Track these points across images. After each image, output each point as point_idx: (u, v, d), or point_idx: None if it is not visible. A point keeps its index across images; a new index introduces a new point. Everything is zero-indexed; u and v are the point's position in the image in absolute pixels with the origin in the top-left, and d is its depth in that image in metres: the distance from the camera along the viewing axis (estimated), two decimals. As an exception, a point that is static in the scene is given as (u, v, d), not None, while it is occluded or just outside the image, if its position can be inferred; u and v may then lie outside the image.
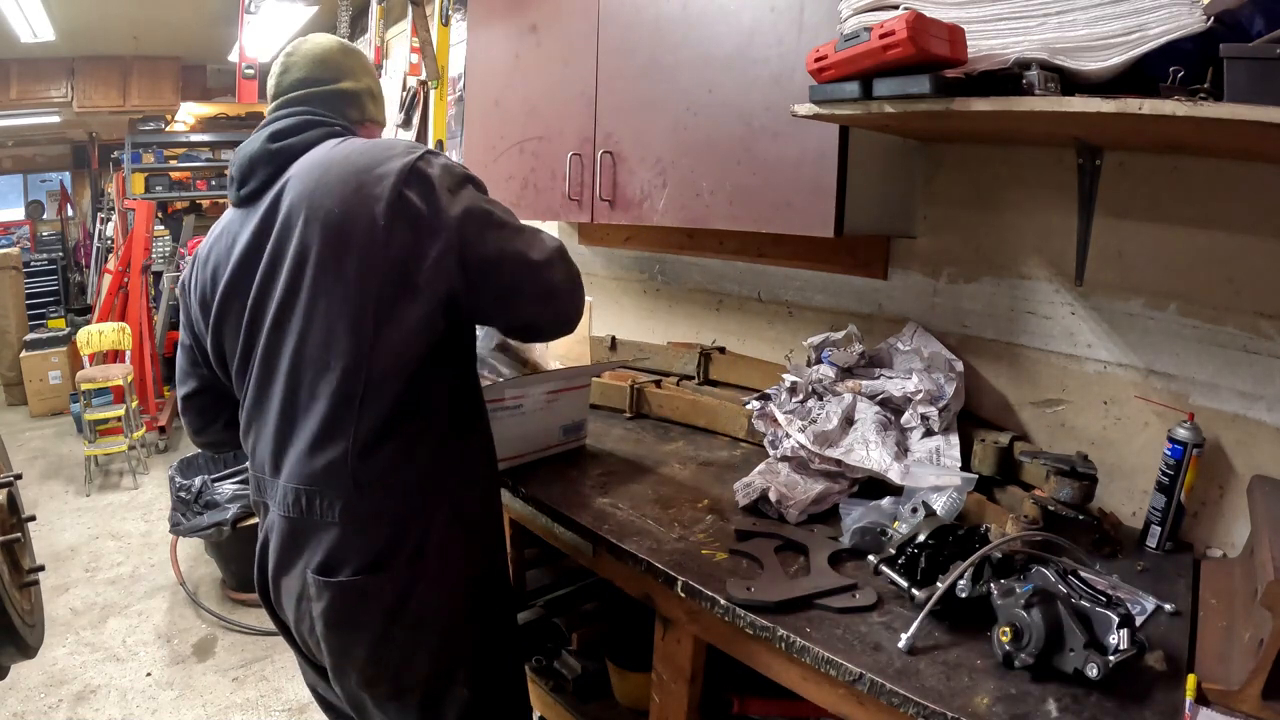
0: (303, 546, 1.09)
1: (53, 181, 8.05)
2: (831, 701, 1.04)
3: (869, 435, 1.44)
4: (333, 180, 1.05)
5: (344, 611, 1.07)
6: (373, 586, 1.06)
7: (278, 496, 1.10)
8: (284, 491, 1.09)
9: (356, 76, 1.24)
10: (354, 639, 1.08)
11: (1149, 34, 0.92)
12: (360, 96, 1.24)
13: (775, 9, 1.47)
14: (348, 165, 1.06)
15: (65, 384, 5.60)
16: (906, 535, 1.15)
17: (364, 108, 1.25)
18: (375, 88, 1.29)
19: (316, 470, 1.06)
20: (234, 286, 1.12)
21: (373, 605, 1.07)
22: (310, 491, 1.07)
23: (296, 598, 1.12)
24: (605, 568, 1.38)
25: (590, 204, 1.93)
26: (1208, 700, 0.89)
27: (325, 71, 1.21)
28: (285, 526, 1.11)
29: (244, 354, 1.13)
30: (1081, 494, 1.28)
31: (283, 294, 1.07)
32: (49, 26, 4.78)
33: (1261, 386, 1.28)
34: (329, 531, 1.07)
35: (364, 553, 1.06)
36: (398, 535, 1.07)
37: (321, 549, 1.07)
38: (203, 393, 1.28)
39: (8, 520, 1.65)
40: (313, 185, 1.06)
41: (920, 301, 1.72)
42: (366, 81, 1.26)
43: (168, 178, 6.78)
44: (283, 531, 1.11)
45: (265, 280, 1.08)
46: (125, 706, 2.46)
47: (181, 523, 3.01)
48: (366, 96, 1.26)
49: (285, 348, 1.07)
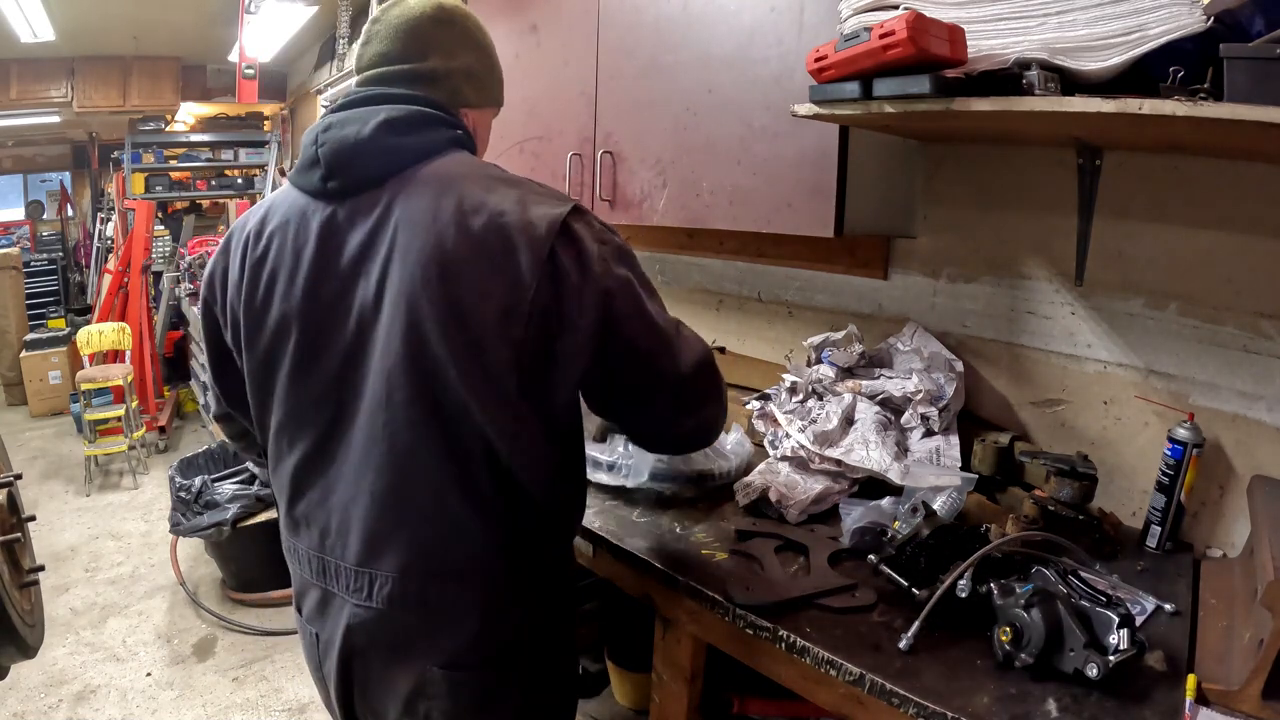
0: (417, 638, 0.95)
1: (53, 181, 8.04)
2: (831, 701, 1.03)
3: (869, 435, 1.44)
4: (457, 230, 0.86)
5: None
6: (507, 680, 0.97)
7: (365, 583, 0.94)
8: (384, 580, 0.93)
9: (449, 52, 1.01)
10: None
11: (1149, 34, 0.92)
12: (452, 78, 1.01)
13: (775, 9, 1.47)
14: (482, 212, 0.86)
15: (65, 384, 5.60)
16: (906, 535, 1.15)
17: (457, 90, 1.01)
18: (477, 65, 1.05)
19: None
20: (310, 296, 0.92)
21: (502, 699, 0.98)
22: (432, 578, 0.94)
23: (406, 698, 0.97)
24: (605, 568, 1.38)
25: (590, 204, 1.93)
26: (1208, 700, 0.89)
27: (413, 46, 0.99)
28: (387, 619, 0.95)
29: (297, 376, 0.94)
30: (1081, 494, 1.28)
31: (384, 342, 0.88)
32: (49, 26, 4.78)
33: (1261, 386, 1.28)
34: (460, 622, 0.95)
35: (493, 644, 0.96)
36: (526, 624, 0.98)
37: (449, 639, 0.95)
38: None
39: (8, 520, 1.64)
40: (433, 226, 0.86)
41: (920, 301, 1.72)
42: (464, 59, 1.02)
43: (168, 178, 6.78)
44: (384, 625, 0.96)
45: (361, 311, 0.90)
46: (125, 706, 2.46)
47: (181, 523, 3.01)
48: (461, 79, 1.02)
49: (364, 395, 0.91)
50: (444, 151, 0.94)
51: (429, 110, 0.96)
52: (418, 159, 0.92)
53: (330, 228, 0.92)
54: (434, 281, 0.85)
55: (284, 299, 0.94)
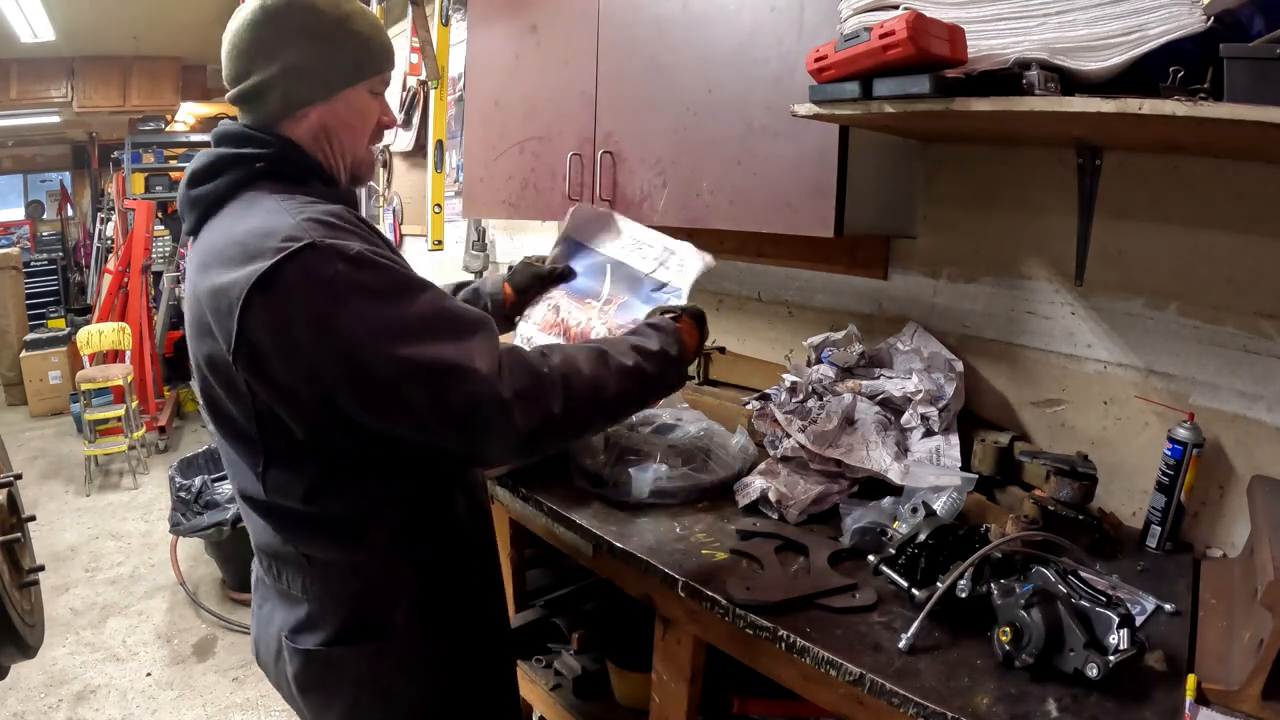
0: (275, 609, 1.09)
1: (53, 181, 8.05)
2: (831, 701, 1.04)
3: (869, 435, 1.44)
4: (204, 294, 0.90)
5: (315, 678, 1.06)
6: (341, 657, 1.04)
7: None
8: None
9: (270, 55, 0.96)
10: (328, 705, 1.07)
11: (1149, 34, 0.92)
12: (274, 87, 0.96)
13: (775, 9, 1.47)
14: (216, 277, 0.89)
15: (65, 384, 5.61)
16: (906, 535, 1.15)
17: (287, 97, 0.97)
18: (307, 56, 0.97)
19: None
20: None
21: (345, 675, 1.05)
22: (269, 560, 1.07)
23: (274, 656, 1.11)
24: (605, 568, 1.38)
25: (590, 204, 1.93)
26: (1208, 700, 0.89)
27: (238, 64, 0.98)
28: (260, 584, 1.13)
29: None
30: (1081, 494, 1.28)
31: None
32: (49, 26, 4.79)
33: (1261, 386, 1.28)
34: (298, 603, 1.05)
35: (331, 625, 1.03)
36: (359, 613, 1.04)
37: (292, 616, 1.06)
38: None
39: (8, 520, 1.65)
40: (193, 295, 0.93)
41: (920, 301, 1.72)
42: (288, 56, 0.96)
43: (168, 178, 6.78)
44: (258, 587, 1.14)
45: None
46: (125, 706, 2.46)
47: (181, 523, 3.02)
48: (288, 81, 0.97)
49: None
50: (236, 195, 0.95)
51: (224, 153, 0.97)
52: (208, 211, 0.96)
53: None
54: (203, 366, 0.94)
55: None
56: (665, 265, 1.33)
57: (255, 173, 0.96)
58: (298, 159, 1.00)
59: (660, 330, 1.13)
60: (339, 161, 1.05)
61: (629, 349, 1.05)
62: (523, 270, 1.47)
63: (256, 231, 0.87)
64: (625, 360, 1.02)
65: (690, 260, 1.31)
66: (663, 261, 1.34)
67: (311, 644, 1.03)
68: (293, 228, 0.86)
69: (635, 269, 1.37)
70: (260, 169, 0.97)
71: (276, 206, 0.91)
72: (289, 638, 1.05)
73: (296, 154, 1.00)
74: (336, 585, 1.02)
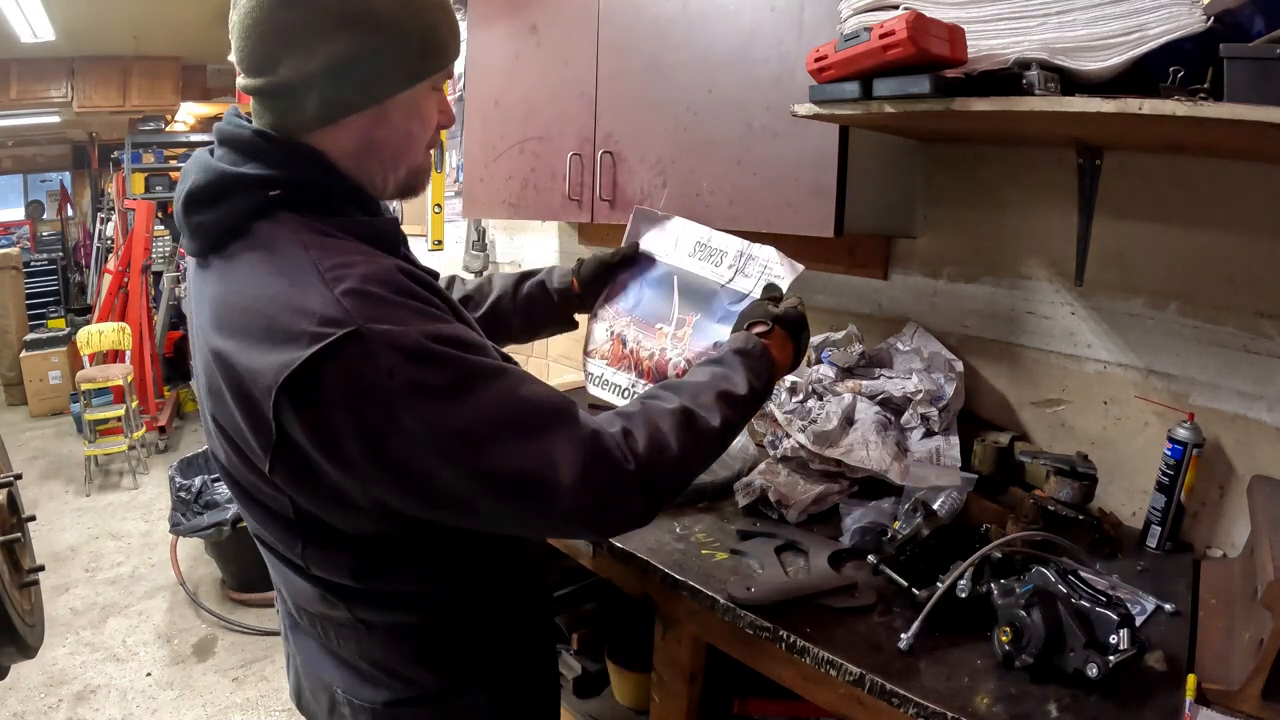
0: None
1: (53, 181, 8.04)
2: (831, 701, 1.04)
3: (869, 435, 1.44)
4: (219, 362, 0.73)
5: None
6: (412, 715, 0.95)
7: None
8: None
9: (308, 48, 0.73)
10: None
11: (1149, 34, 0.92)
12: (311, 89, 0.75)
13: (775, 9, 1.47)
14: (243, 339, 0.71)
15: (65, 384, 5.61)
16: (906, 535, 1.15)
17: (329, 100, 0.76)
18: (353, 49, 0.74)
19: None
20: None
21: None
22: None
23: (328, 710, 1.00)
24: (605, 568, 1.38)
25: (590, 204, 1.93)
26: (1208, 700, 0.89)
27: (260, 50, 0.75)
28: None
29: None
30: (1081, 494, 1.28)
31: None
32: (49, 26, 4.78)
33: (1261, 386, 1.28)
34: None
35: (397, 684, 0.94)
36: (425, 671, 0.95)
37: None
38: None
39: (8, 520, 1.65)
40: (205, 349, 0.76)
41: (920, 301, 1.72)
42: (330, 48, 0.73)
43: (168, 178, 6.77)
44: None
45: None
46: (125, 706, 2.46)
47: (181, 523, 3.02)
48: (327, 83, 0.75)
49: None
50: (247, 227, 0.75)
51: (227, 172, 0.75)
52: (217, 243, 0.76)
53: (201, 296, 0.79)
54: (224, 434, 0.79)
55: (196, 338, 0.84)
56: (744, 273, 1.18)
57: (269, 201, 0.76)
58: (328, 186, 0.79)
59: (746, 358, 0.95)
60: (389, 177, 0.84)
61: (715, 400, 0.89)
62: (591, 262, 1.30)
63: (281, 300, 0.69)
64: (712, 421, 0.87)
65: (775, 267, 1.15)
66: (739, 269, 1.19)
67: (377, 701, 0.93)
68: (329, 303, 0.67)
69: (708, 280, 1.21)
70: (275, 198, 0.76)
71: (302, 258, 0.71)
72: (347, 692, 0.95)
73: (328, 180, 0.79)
74: (395, 648, 0.93)
